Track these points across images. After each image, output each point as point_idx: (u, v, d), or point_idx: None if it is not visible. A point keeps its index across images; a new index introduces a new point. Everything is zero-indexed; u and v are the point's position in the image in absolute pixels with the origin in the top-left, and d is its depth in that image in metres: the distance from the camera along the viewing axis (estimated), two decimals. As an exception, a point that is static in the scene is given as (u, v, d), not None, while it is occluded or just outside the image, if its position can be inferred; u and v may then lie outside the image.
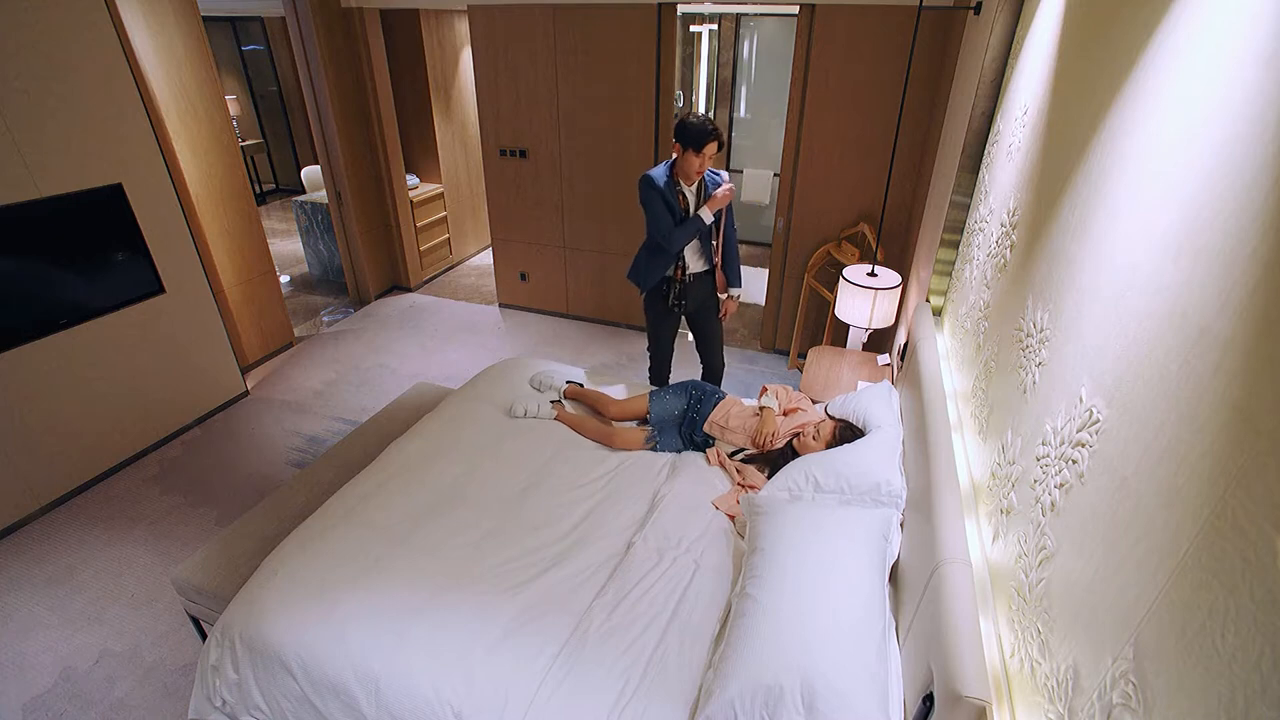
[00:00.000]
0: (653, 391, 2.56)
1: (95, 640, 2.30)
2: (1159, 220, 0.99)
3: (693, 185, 2.68)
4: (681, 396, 2.52)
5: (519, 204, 4.54)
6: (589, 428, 2.52)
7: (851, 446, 2.10)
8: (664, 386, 2.54)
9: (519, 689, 1.52)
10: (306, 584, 1.77)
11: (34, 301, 2.69)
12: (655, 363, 3.16)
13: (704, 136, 2.48)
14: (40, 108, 2.58)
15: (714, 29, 6.26)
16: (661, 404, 2.51)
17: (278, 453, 3.31)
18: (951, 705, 1.14)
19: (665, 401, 2.51)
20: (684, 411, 2.49)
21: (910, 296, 3.04)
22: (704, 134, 2.48)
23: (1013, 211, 1.79)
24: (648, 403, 2.53)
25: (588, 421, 2.54)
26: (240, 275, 3.91)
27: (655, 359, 3.15)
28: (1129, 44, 1.21)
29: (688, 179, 2.64)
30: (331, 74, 4.25)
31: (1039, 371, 1.37)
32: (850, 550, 1.67)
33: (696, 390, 2.53)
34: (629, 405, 2.59)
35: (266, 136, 7.78)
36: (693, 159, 2.54)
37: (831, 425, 2.27)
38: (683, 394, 2.53)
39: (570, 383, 2.78)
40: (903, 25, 3.14)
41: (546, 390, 2.77)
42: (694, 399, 2.51)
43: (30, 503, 2.82)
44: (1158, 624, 0.79)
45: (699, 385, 2.56)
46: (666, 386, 2.57)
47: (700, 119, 2.50)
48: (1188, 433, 0.81)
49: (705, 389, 2.53)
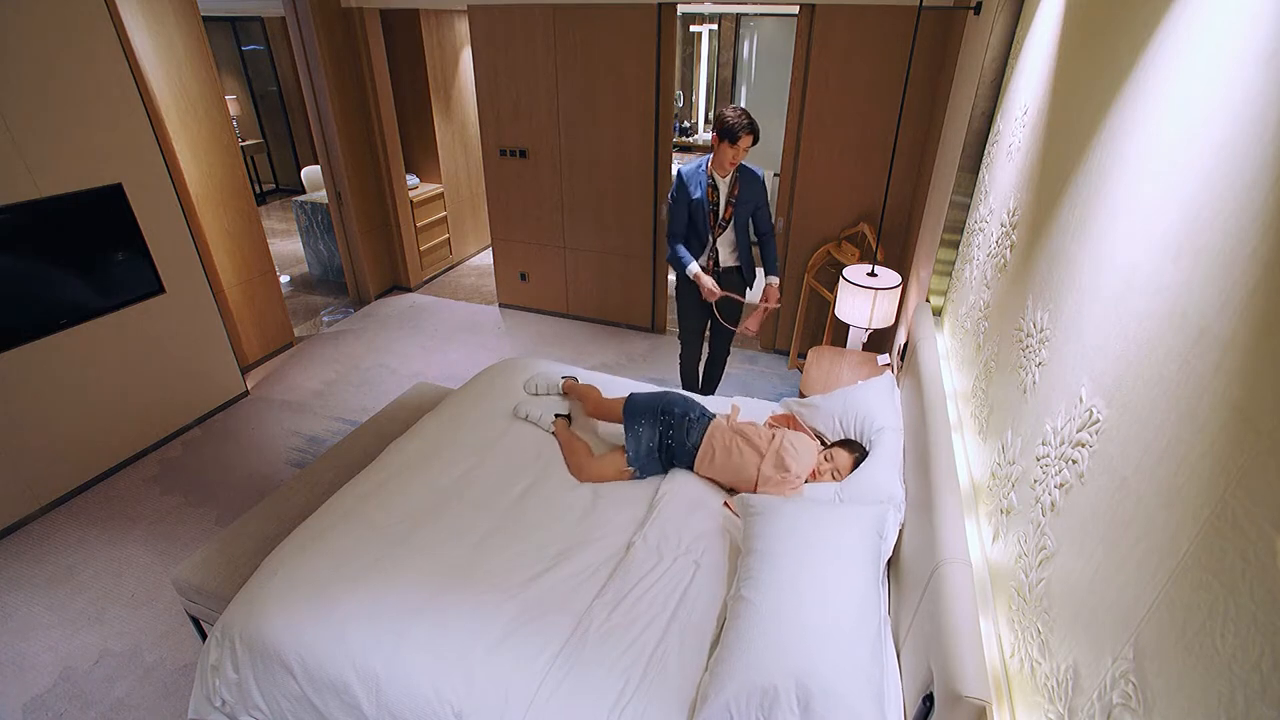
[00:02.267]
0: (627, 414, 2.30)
1: (95, 640, 2.30)
2: (1159, 220, 0.99)
3: (726, 177, 2.77)
4: (654, 428, 2.27)
5: (519, 204, 4.54)
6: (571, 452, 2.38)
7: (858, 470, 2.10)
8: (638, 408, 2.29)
9: (519, 688, 1.52)
10: (306, 584, 1.77)
11: (34, 301, 2.69)
12: (686, 350, 3.28)
13: (738, 129, 2.56)
14: (40, 108, 2.58)
15: (714, 29, 6.27)
16: (636, 442, 2.26)
17: (277, 453, 3.31)
18: (951, 705, 1.14)
19: (639, 438, 2.27)
20: (660, 442, 2.27)
21: (910, 296, 3.04)
22: (739, 127, 2.56)
23: (1013, 211, 1.79)
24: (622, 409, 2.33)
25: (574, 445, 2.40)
26: (240, 275, 3.91)
27: (686, 346, 3.27)
28: (1129, 44, 1.21)
29: (720, 170, 2.74)
30: (331, 74, 4.25)
31: (1039, 371, 1.37)
32: (845, 549, 1.67)
33: (666, 415, 2.27)
34: (605, 405, 2.44)
35: (266, 136, 7.78)
36: (726, 150, 2.62)
37: (848, 459, 2.17)
38: (654, 425, 2.27)
39: (566, 378, 2.75)
40: (903, 25, 3.14)
41: (545, 395, 2.71)
42: (664, 426, 2.27)
43: (30, 503, 2.82)
44: (1158, 624, 0.79)
45: (668, 407, 2.29)
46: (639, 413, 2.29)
47: (737, 112, 2.57)
48: (1188, 433, 0.81)
49: (674, 411, 2.28)
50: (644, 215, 4.20)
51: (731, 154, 2.62)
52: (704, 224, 2.83)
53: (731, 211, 2.83)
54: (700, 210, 2.80)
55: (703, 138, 6.85)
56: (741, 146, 2.60)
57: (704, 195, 2.76)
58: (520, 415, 2.57)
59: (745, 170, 2.80)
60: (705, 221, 2.82)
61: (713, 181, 2.77)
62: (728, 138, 2.58)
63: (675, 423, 2.27)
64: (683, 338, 3.24)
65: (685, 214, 2.83)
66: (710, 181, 2.76)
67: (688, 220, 2.85)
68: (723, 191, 2.78)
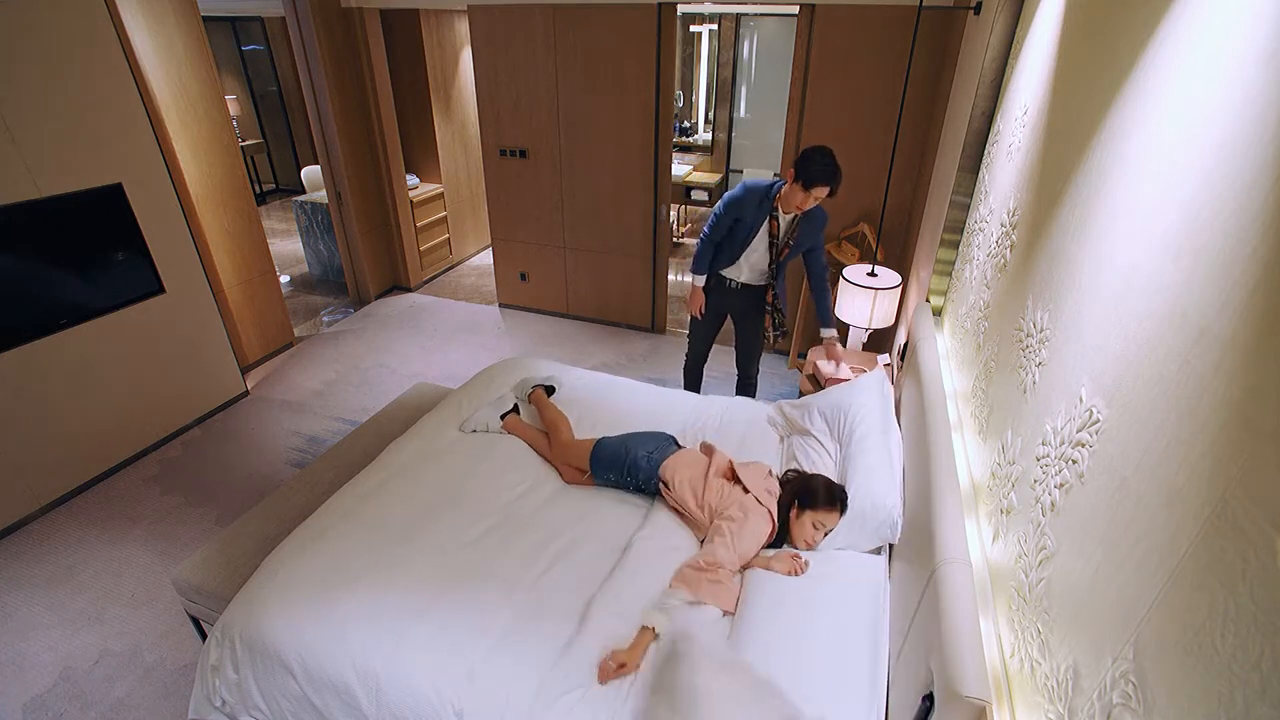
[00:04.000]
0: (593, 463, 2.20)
1: (95, 640, 2.30)
2: (1159, 220, 0.99)
3: (790, 215, 2.61)
4: (620, 476, 2.17)
5: (519, 204, 4.54)
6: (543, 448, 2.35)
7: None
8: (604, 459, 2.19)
9: (520, 688, 1.52)
10: (306, 584, 1.77)
11: (34, 301, 2.69)
12: (690, 356, 3.26)
13: (817, 178, 2.38)
14: (40, 108, 2.58)
15: (714, 29, 6.26)
16: (603, 478, 2.20)
17: (277, 453, 3.31)
18: (951, 705, 1.14)
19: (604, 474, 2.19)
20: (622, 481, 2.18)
21: (910, 296, 3.04)
22: (819, 175, 2.38)
23: (1013, 211, 1.79)
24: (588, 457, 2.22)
25: (543, 441, 2.39)
26: (240, 275, 3.91)
27: (690, 352, 3.25)
28: (1129, 44, 1.21)
29: (786, 207, 2.56)
30: (331, 74, 4.25)
31: (1039, 371, 1.37)
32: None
33: (631, 475, 2.14)
34: (573, 448, 2.28)
35: (266, 136, 7.78)
36: (798, 194, 2.45)
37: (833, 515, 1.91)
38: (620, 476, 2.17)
39: (537, 386, 2.66)
40: (903, 25, 3.14)
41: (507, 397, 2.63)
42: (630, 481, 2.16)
43: (30, 503, 2.82)
44: (1158, 624, 0.79)
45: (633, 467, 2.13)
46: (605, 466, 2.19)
47: (824, 158, 2.38)
48: (1188, 433, 0.81)
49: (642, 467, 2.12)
50: (644, 215, 4.20)
51: (800, 199, 2.45)
52: (742, 246, 2.69)
53: (787, 253, 2.69)
54: (746, 232, 2.65)
55: (702, 138, 6.85)
56: (814, 195, 2.43)
57: (759, 226, 2.61)
58: (468, 430, 2.48)
59: (812, 212, 2.60)
60: (745, 245, 2.69)
61: (775, 214, 2.60)
62: (803, 181, 2.40)
63: (643, 480, 2.14)
64: (689, 337, 3.21)
65: (728, 228, 2.68)
66: (774, 214, 2.60)
67: (728, 234, 2.70)
68: (782, 225, 2.63)
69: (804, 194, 2.43)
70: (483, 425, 2.49)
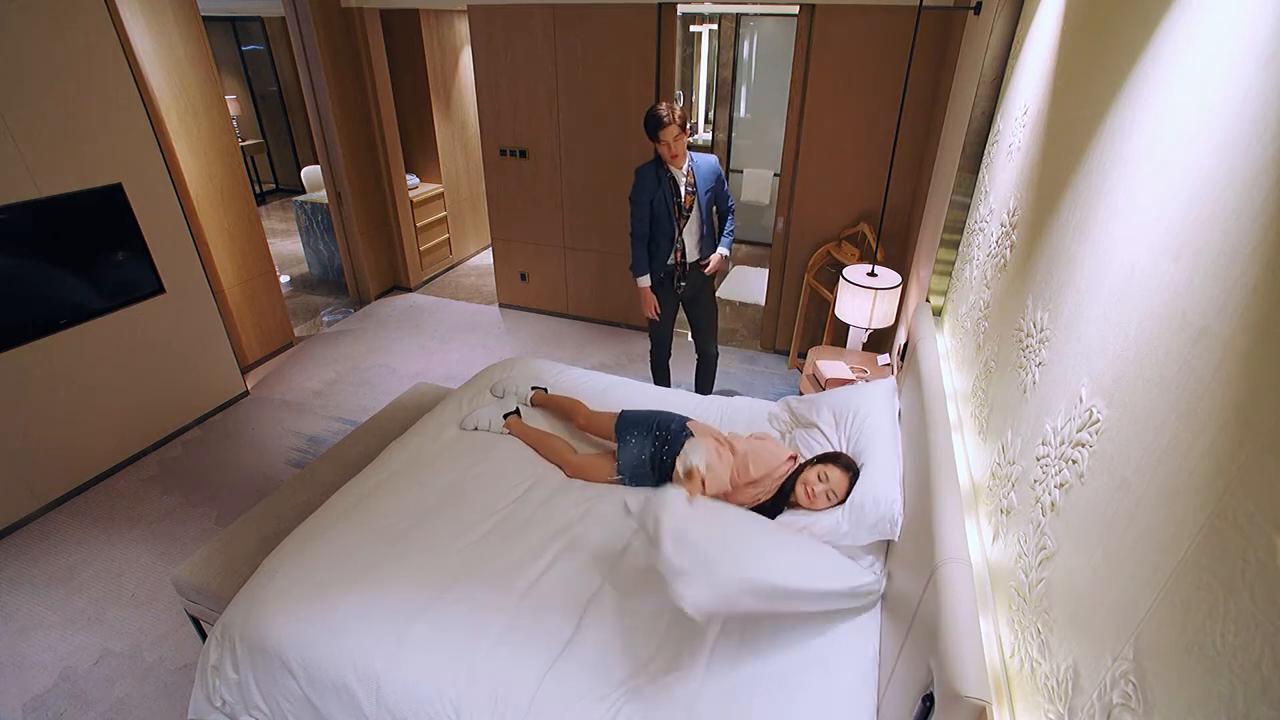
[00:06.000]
0: (619, 427, 2.29)
1: (95, 640, 2.30)
2: (1159, 220, 0.99)
3: (681, 168, 2.83)
4: (647, 441, 2.24)
5: (519, 204, 4.54)
6: (548, 448, 2.36)
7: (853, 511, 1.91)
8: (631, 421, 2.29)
9: (520, 687, 1.52)
10: (306, 584, 1.77)
11: (34, 301, 2.69)
12: (656, 346, 3.32)
13: (654, 124, 2.66)
14: (41, 108, 2.58)
15: (714, 29, 6.26)
16: (628, 451, 2.24)
17: (278, 453, 3.31)
18: (951, 705, 1.14)
19: (631, 449, 2.25)
20: (653, 456, 2.23)
21: (910, 296, 3.04)
22: (649, 124, 2.68)
23: (1013, 211, 1.78)
24: (614, 424, 2.31)
25: (548, 441, 2.40)
26: (240, 275, 3.91)
27: (655, 342, 3.31)
28: (1129, 44, 1.21)
29: (669, 163, 2.80)
30: (331, 74, 4.25)
31: (1039, 371, 1.37)
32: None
33: (662, 430, 2.24)
34: (597, 419, 2.39)
35: (266, 136, 7.78)
36: (659, 148, 2.73)
37: (843, 477, 1.97)
38: (648, 438, 2.24)
39: (536, 389, 2.67)
40: (903, 25, 3.14)
41: (508, 397, 2.66)
42: (659, 441, 2.23)
43: (30, 503, 2.82)
44: (1158, 624, 0.79)
45: (664, 423, 2.26)
46: (632, 425, 2.29)
47: (653, 108, 2.68)
48: (1188, 433, 0.80)
49: (671, 427, 2.25)
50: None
51: (663, 147, 2.70)
52: (667, 218, 2.87)
53: (693, 199, 2.87)
54: (663, 203, 2.84)
55: (702, 137, 6.84)
56: (664, 139, 2.67)
57: (666, 188, 2.81)
58: (469, 428, 2.49)
59: (695, 159, 2.87)
60: (669, 214, 2.86)
61: (670, 174, 2.82)
62: (650, 134, 2.69)
63: (671, 438, 2.20)
64: (651, 334, 3.31)
65: (647, 212, 2.87)
66: (668, 174, 2.82)
67: (650, 218, 2.89)
68: (681, 181, 2.84)
69: (659, 144, 2.71)
70: (485, 424, 2.50)
